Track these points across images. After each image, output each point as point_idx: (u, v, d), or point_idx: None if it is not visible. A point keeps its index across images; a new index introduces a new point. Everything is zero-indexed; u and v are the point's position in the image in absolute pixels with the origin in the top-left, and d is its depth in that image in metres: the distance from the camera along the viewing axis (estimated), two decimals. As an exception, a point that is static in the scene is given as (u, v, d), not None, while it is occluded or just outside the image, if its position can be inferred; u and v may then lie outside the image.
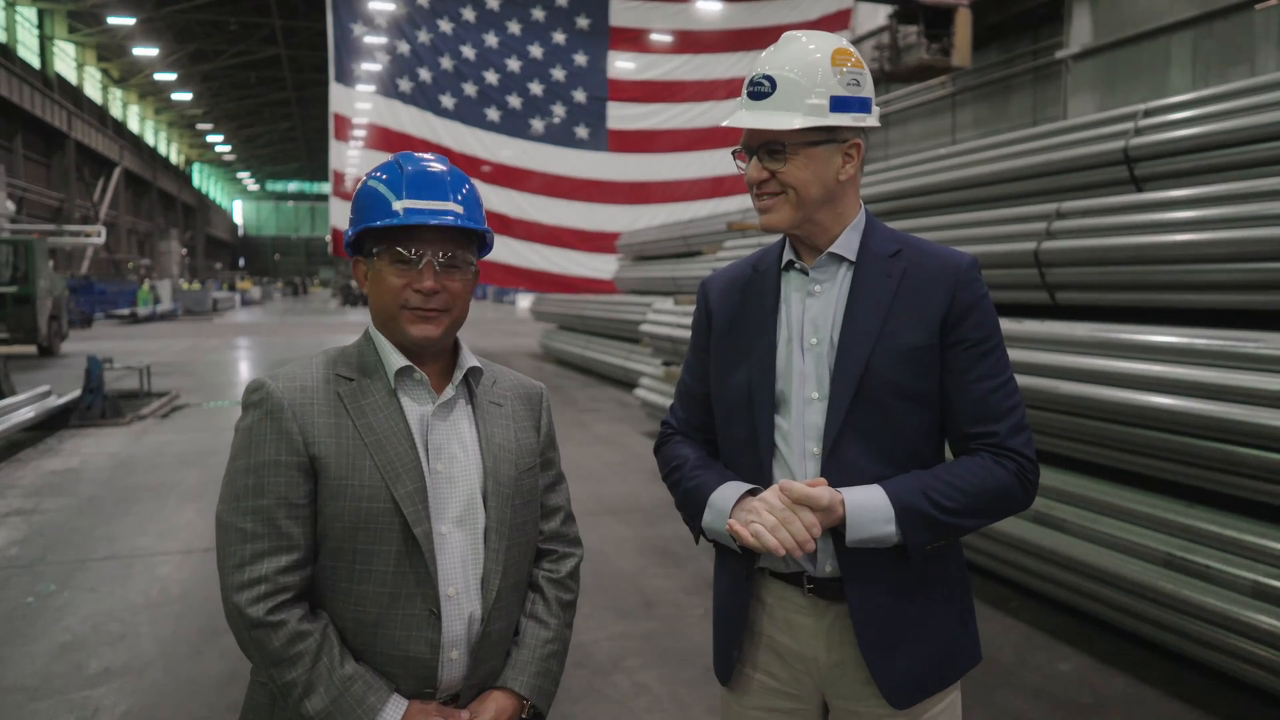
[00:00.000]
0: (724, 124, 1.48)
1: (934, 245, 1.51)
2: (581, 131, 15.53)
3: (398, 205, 1.34)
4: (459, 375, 1.44)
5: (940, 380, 1.43)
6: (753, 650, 1.52)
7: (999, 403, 1.42)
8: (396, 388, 1.39)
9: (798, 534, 1.30)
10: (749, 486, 1.43)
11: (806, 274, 1.50)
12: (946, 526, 1.36)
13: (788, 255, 1.53)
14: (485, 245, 1.46)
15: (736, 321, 1.55)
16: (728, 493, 1.43)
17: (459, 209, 1.37)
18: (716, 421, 1.59)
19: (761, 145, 1.43)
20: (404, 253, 1.34)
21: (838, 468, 1.39)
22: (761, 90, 1.42)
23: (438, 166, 1.40)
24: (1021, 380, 3.94)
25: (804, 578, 1.45)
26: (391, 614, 1.33)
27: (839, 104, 1.41)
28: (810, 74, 1.41)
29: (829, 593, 1.44)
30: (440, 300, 1.36)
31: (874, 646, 1.40)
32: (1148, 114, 4.47)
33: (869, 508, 1.33)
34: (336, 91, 14.84)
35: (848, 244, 1.48)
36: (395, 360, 1.39)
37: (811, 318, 1.47)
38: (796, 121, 1.39)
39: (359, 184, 1.42)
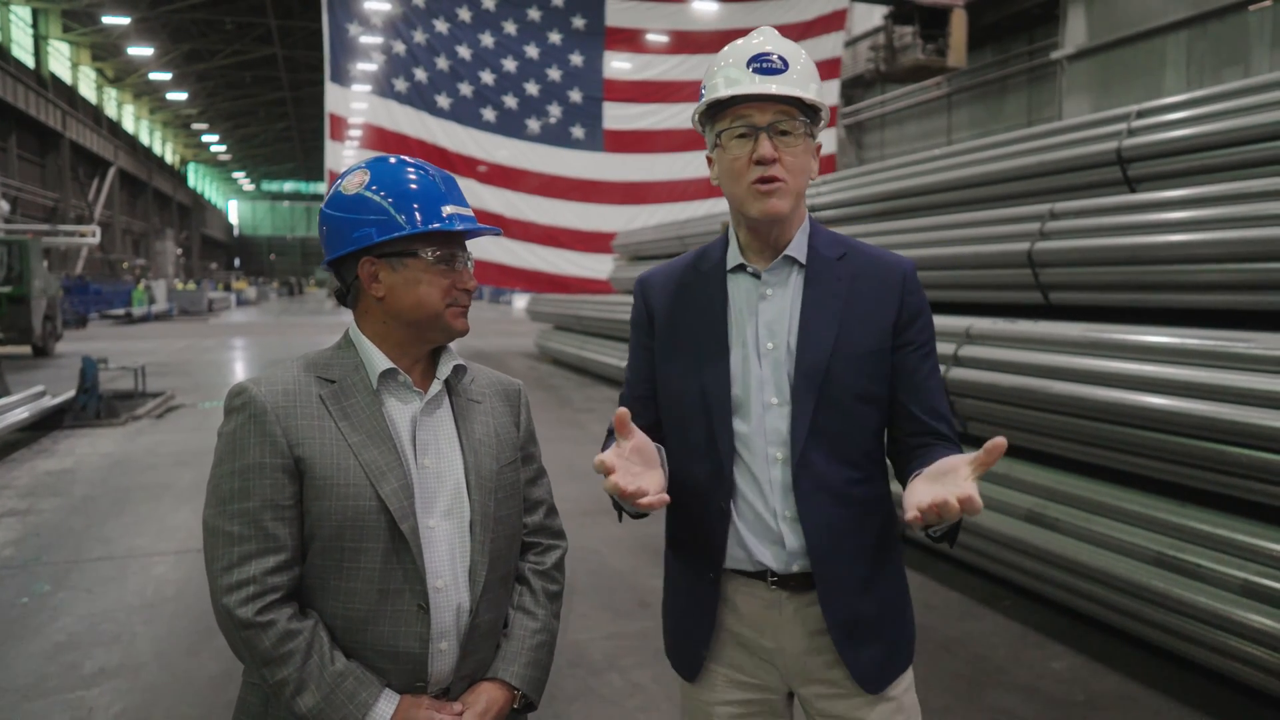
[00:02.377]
0: (748, 91, 1.38)
1: (874, 249, 1.54)
2: (577, 131, 15.54)
3: (446, 210, 1.39)
4: (445, 371, 1.46)
5: (890, 381, 1.48)
6: (717, 646, 1.54)
7: (942, 399, 1.51)
8: (379, 388, 1.41)
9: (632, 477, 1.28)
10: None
11: (758, 277, 1.49)
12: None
13: (735, 258, 1.51)
14: None
15: (682, 324, 1.53)
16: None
17: (471, 211, 1.46)
18: (666, 426, 1.56)
19: (772, 124, 1.39)
20: (450, 255, 1.40)
21: (804, 472, 1.43)
22: (773, 66, 1.40)
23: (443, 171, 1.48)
24: (1015, 380, 3.97)
25: (768, 573, 1.47)
26: (380, 610, 1.35)
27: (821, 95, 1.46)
28: (809, 65, 1.44)
29: (793, 585, 1.47)
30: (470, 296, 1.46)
31: (846, 639, 1.45)
32: (1141, 115, 4.49)
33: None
34: (332, 91, 14.81)
35: (799, 246, 1.48)
36: (380, 362, 1.40)
37: (766, 322, 1.47)
38: (814, 96, 1.41)
39: (360, 184, 1.39)
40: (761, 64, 1.40)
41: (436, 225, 1.37)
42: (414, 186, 1.39)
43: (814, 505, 1.42)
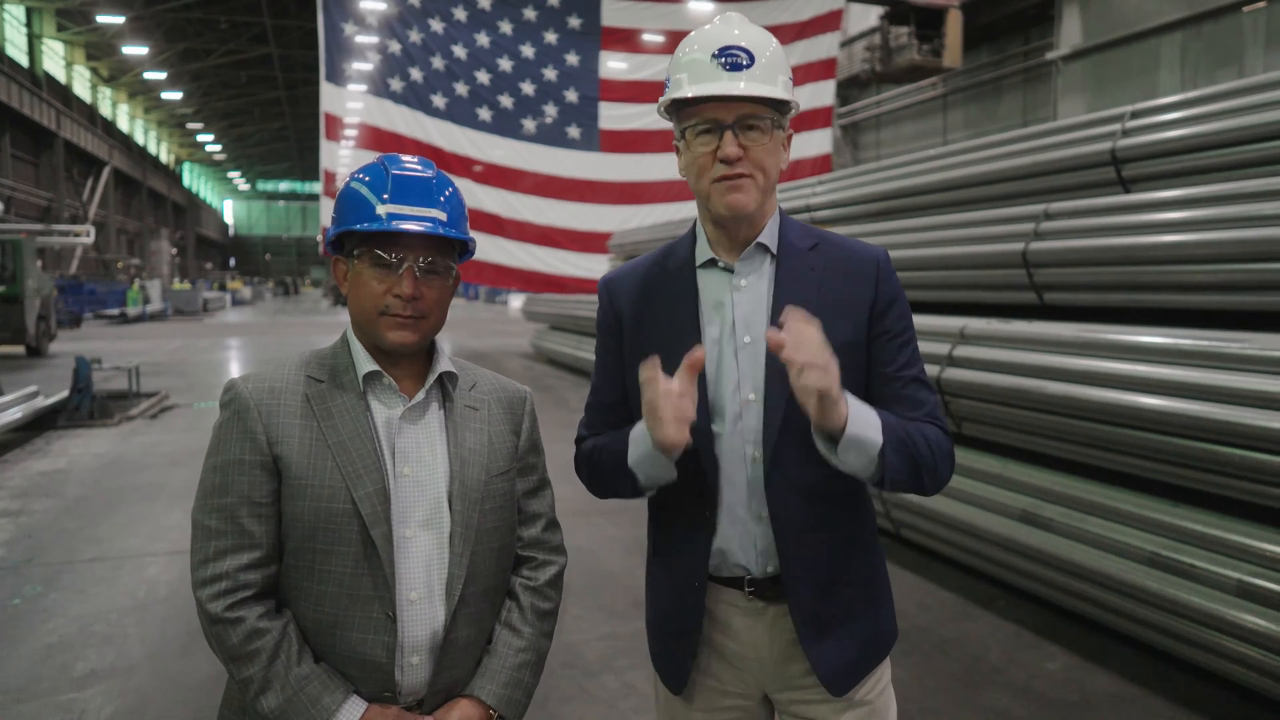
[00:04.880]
0: (711, 93, 1.36)
1: (845, 239, 1.52)
2: (573, 131, 15.52)
3: (381, 209, 1.33)
4: (431, 379, 1.43)
5: (866, 371, 1.44)
6: (700, 658, 1.52)
7: (919, 392, 1.44)
8: (365, 391, 1.39)
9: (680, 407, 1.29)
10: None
11: (730, 271, 1.46)
12: (913, 462, 1.36)
13: (704, 253, 1.48)
14: (467, 250, 1.45)
15: (651, 326, 1.49)
16: (638, 427, 1.40)
17: (442, 215, 1.36)
18: None
19: (740, 119, 1.37)
20: (385, 257, 1.34)
21: (777, 471, 1.40)
22: (739, 61, 1.37)
23: (423, 170, 1.38)
24: (1009, 380, 3.96)
25: (745, 581, 1.46)
26: (349, 615, 1.33)
27: (790, 87, 1.43)
28: (778, 53, 1.41)
29: (768, 594, 1.46)
30: (418, 307, 1.35)
31: (812, 639, 1.43)
32: (1135, 115, 4.49)
33: (863, 410, 1.32)
34: (328, 91, 14.77)
35: (771, 235, 1.46)
36: (364, 364, 1.39)
37: (742, 315, 1.44)
38: (782, 93, 1.38)
39: (344, 183, 1.41)
40: (727, 58, 1.37)
41: (365, 225, 1.32)
42: (367, 184, 1.36)
43: (784, 504, 1.41)
